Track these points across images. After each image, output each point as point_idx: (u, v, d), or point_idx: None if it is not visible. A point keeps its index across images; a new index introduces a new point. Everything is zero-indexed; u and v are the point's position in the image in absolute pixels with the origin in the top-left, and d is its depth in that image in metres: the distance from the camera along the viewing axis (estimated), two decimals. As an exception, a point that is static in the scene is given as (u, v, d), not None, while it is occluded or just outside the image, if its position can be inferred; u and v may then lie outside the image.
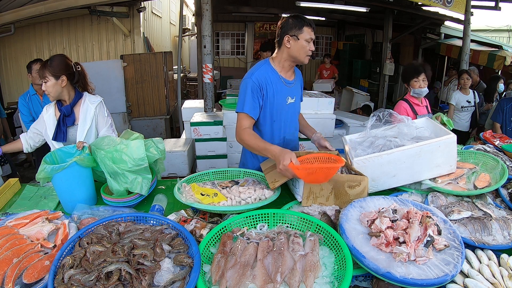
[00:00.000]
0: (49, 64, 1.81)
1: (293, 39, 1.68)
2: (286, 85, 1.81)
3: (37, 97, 3.03)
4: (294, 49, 1.70)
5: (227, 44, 10.47)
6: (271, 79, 1.75)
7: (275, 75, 1.78)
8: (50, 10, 4.27)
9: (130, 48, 6.20)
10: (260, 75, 1.74)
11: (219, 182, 1.65)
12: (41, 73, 1.81)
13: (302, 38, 1.67)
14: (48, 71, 1.80)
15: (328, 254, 1.10)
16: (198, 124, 3.43)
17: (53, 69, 1.80)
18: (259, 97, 1.73)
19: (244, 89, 1.73)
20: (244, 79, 1.76)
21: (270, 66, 1.79)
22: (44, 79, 1.81)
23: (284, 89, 1.81)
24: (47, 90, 1.83)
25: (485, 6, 5.90)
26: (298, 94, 1.94)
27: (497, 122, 3.15)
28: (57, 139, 1.89)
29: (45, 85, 1.82)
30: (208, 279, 1.02)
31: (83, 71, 1.97)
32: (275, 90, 1.77)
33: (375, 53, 8.88)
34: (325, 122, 3.38)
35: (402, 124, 1.77)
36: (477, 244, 1.19)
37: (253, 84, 1.71)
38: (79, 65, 1.94)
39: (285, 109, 1.84)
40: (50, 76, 1.80)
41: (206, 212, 1.45)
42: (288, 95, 1.83)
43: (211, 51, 3.83)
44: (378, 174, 1.60)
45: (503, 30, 11.44)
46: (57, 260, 1.02)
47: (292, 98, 1.86)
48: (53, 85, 1.82)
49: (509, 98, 3.25)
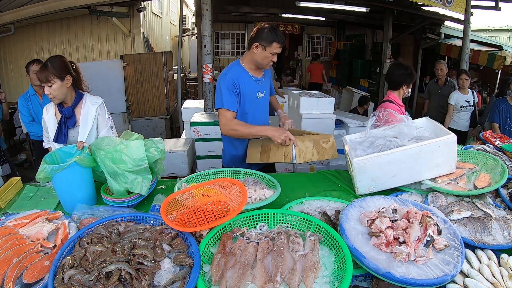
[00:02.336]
0: (52, 66, 1.74)
1: (261, 47, 1.88)
2: (256, 82, 2.02)
3: (36, 97, 3.03)
4: (259, 56, 1.91)
5: (227, 44, 10.47)
6: (242, 77, 1.96)
7: (245, 73, 1.98)
8: (50, 10, 4.27)
9: (130, 48, 6.20)
10: (233, 74, 1.93)
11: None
12: (43, 77, 1.73)
13: (268, 50, 1.88)
14: (52, 74, 1.73)
15: (328, 254, 1.10)
16: (198, 124, 3.43)
17: (57, 71, 1.75)
18: (234, 93, 1.92)
19: (219, 89, 1.91)
20: (219, 80, 1.94)
21: (240, 66, 2.00)
22: (48, 82, 1.74)
23: (254, 85, 2.01)
24: (52, 94, 1.76)
25: (485, 6, 5.89)
26: (267, 90, 2.15)
27: (495, 122, 3.16)
28: (58, 141, 1.88)
29: (50, 89, 1.75)
30: (208, 279, 1.02)
31: (78, 69, 1.93)
32: (247, 86, 1.97)
33: (375, 53, 8.88)
34: (325, 122, 3.37)
35: (402, 124, 1.77)
36: (477, 244, 1.19)
37: (228, 83, 1.90)
38: (73, 63, 1.90)
39: (256, 102, 2.06)
40: (55, 78, 1.74)
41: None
42: (258, 90, 2.04)
43: (211, 51, 3.83)
44: (378, 174, 1.60)
45: (503, 30, 11.44)
46: (57, 260, 1.02)
47: (262, 93, 2.07)
48: (59, 87, 1.77)
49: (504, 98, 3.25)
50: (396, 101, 2.37)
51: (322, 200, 1.53)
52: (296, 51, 11.28)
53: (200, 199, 1.41)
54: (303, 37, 10.95)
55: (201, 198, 1.41)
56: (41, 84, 1.78)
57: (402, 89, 2.37)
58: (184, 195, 1.40)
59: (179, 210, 1.33)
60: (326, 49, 11.33)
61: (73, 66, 1.89)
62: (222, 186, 1.45)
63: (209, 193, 1.43)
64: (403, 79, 2.35)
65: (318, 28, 11.02)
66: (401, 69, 2.35)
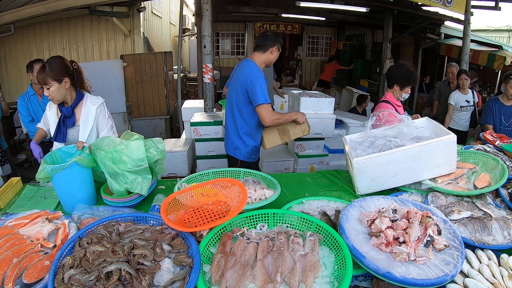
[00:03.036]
0: (49, 69, 1.74)
1: (277, 50, 2.24)
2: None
3: (36, 97, 3.02)
4: (273, 58, 2.27)
5: (227, 44, 10.47)
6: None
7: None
8: (50, 10, 4.27)
9: (130, 48, 6.20)
10: (262, 73, 2.21)
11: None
12: (41, 79, 1.74)
13: (278, 51, 2.27)
14: (49, 77, 1.74)
15: (328, 254, 1.10)
16: (198, 124, 3.43)
17: (54, 74, 1.75)
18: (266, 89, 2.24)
19: (259, 86, 2.13)
20: (255, 78, 2.15)
21: (257, 66, 2.24)
22: (46, 85, 1.75)
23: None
24: (50, 95, 1.78)
25: (485, 6, 5.89)
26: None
27: (488, 124, 3.13)
28: (57, 139, 1.89)
29: (48, 91, 1.76)
30: (208, 279, 1.02)
31: (79, 68, 1.93)
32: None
33: (375, 53, 8.87)
34: (325, 122, 3.37)
35: (402, 124, 1.77)
36: (477, 244, 1.19)
37: (263, 81, 2.16)
38: (75, 63, 1.90)
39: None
40: (53, 81, 1.75)
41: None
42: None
43: (211, 51, 3.83)
44: (378, 174, 1.60)
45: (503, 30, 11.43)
46: (57, 260, 1.02)
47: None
48: (57, 89, 1.78)
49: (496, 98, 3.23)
50: (392, 101, 2.36)
51: (322, 200, 1.53)
52: (296, 51, 11.27)
53: (200, 199, 1.41)
54: (303, 37, 10.94)
55: (201, 198, 1.41)
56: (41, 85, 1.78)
57: (394, 88, 2.35)
58: (184, 195, 1.40)
59: (179, 210, 1.33)
60: (326, 49, 11.32)
61: (75, 65, 1.89)
62: (222, 186, 1.45)
63: (209, 193, 1.43)
64: (396, 76, 2.33)
65: (318, 28, 11.01)
66: (398, 67, 2.36)
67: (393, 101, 2.36)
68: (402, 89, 2.34)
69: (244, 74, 2.19)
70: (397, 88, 2.34)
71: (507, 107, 3.10)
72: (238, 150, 2.32)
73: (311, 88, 9.24)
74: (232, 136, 2.32)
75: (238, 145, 2.31)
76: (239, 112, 2.25)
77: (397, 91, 2.35)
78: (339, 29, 11.07)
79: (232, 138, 2.32)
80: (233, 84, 2.30)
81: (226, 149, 2.43)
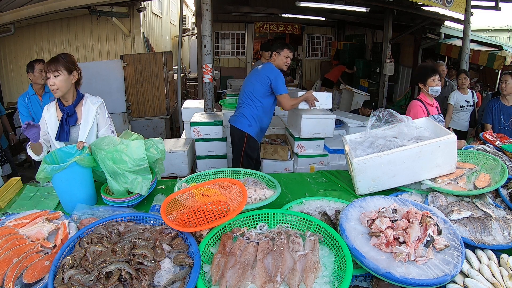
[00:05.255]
0: (63, 58, 1.79)
1: (277, 53, 2.85)
2: None
3: (36, 97, 3.02)
4: (277, 61, 2.87)
5: (227, 44, 10.46)
6: None
7: None
8: (50, 10, 4.26)
9: (130, 48, 6.19)
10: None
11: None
12: (53, 66, 1.76)
13: (282, 54, 2.84)
14: (62, 65, 1.77)
15: (328, 254, 1.10)
16: (198, 124, 3.43)
17: (67, 63, 1.79)
18: None
19: (281, 79, 2.80)
20: (276, 72, 2.80)
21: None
22: (56, 72, 1.76)
23: None
24: (56, 85, 1.77)
25: (485, 6, 5.89)
26: None
27: (487, 123, 3.16)
28: (60, 139, 1.89)
29: (55, 79, 1.76)
30: (208, 279, 1.02)
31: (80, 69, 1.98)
32: None
33: (375, 53, 8.87)
34: (325, 122, 3.36)
35: (402, 124, 1.77)
36: (477, 244, 1.19)
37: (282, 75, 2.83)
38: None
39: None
40: (64, 69, 1.77)
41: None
42: None
43: (211, 51, 3.82)
44: (378, 174, 1.60)
45: (503, 30, 11.43)
46: (57, 260, 1.02)
47: None
48: (65, 79, 1.79)
49: (497, 98, 3.25)
50: (424, 100, 2.54)
51: (322, 200, 1.53)
52: (296, 51, 11.27)
53: (200, 199, 1.41)
54: (303, 37, 10.94)
55: (201, 198, 1.41)
56: (46, 74, 1.79)
57: (420, 86, 2.58)
58: (184, 195, 1.40)
59: (179, 210, 1.33)
60: (326, 49, 11.32)
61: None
62: (222, 186, 1.45)
63: (209, 193, 1.43)
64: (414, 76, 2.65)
65: (318, 28, 11.01)
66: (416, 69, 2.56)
67: (424, 100, 2.54)
68: (426, 84, 2.53)
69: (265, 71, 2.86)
70: (422, 86, 2.56)
71: (507, 107, 3.12)
72: (251, 128, 2.87)
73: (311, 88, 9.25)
74: (248, 116, 2.88)
75: (252, 123, 2.88)
76: (259, 100, 2.87)
77: (423, 88, 2.56)
78: (339, 29, 11.06)
79: (248, 117, 2.88)
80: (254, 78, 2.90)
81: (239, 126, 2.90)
